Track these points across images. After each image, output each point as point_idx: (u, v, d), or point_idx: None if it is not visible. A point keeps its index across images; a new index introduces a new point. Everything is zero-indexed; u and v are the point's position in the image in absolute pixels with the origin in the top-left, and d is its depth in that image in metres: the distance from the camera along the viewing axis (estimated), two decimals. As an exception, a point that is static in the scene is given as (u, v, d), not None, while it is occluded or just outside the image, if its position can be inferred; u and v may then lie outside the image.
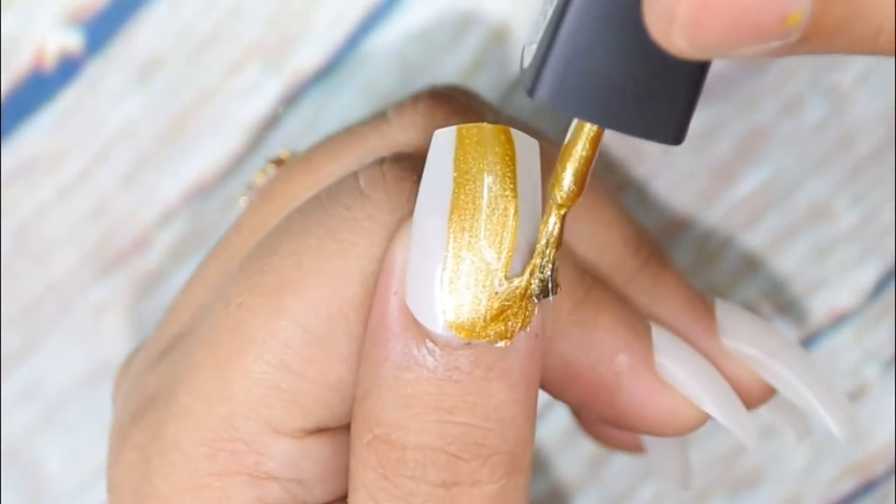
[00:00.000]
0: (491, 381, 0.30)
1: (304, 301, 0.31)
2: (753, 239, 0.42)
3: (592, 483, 0.43)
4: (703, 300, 0.34)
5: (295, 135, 0.41)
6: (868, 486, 0.43)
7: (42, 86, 0.41)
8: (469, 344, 0.30)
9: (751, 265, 0.42)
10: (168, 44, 0.41)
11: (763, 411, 0.36)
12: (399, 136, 0.34)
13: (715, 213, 0.42)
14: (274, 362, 0.31)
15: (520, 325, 0.30)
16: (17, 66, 0.41)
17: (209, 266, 0.34)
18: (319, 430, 0.32)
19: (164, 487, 0.32)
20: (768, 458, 0.43)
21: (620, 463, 0.43)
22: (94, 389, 0.43)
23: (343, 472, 0.32)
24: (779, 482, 0.43)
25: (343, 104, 0.41)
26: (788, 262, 0.42)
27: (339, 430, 0.32)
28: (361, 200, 0.31)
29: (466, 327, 0.30)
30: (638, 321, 0.33)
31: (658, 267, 0.34)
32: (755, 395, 0.34)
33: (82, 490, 0.44)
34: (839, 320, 0.42)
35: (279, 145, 0.41)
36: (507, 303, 0.30)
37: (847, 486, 0.43)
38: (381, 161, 0.32)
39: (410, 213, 0.31)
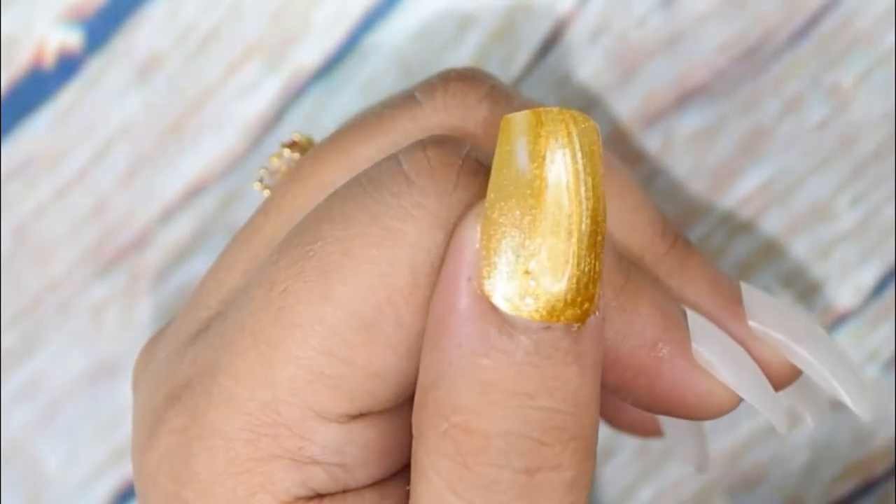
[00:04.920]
0: (569, 365, 0.30)
1: (351, 288, 0.31)
2: (754, 238, 0.42)
3: (592, 482, 0.43)
4: (730, 283, 0.34)
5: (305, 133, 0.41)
6: (868, 487, 0.43)
7: (42, 84, 0.41)
8: (549, 327, 0.30)
9: (751, 265, 0.42)
10: (168, 42, 0.41)
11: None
12: (431, 118, 0.33)
13: (715, 213, 0.42)
14: (319, 348, 0.31)
15: (591, 307, 0.30)
16: (16, 64, 0.41)
17: (237, 250, 0.34)
18: (362, 415, 0.32)
19: (205, 472, 0.31)
20: (769, 458, 0.43)
21: (621, 462, 0.43)
22: (94, 388, 0.43)
23: (386, 456, 0.32)
24: (779, 482, 0.43)
25: (343, 103, 0.41)
26: (789, 262, 0.42)
27: (382, 414, 0.32)
28: (408, 187, 0.31)
29: (548, 310, 0.30)
30: (674, 306, 0.33)
31: (685, 249, 0.34)
32: (782, 378, 0.34)
33: (82, 489, 0.44)
34: (839, 320, 0.42)
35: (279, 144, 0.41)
36: (582, 284, 0.30)
37: (847, 486, 0.43)
38: (424, 145, 0.31)
39: (460, 198, 0.31)
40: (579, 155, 0.30)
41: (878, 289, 0.42)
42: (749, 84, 0.41)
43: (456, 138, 0.32)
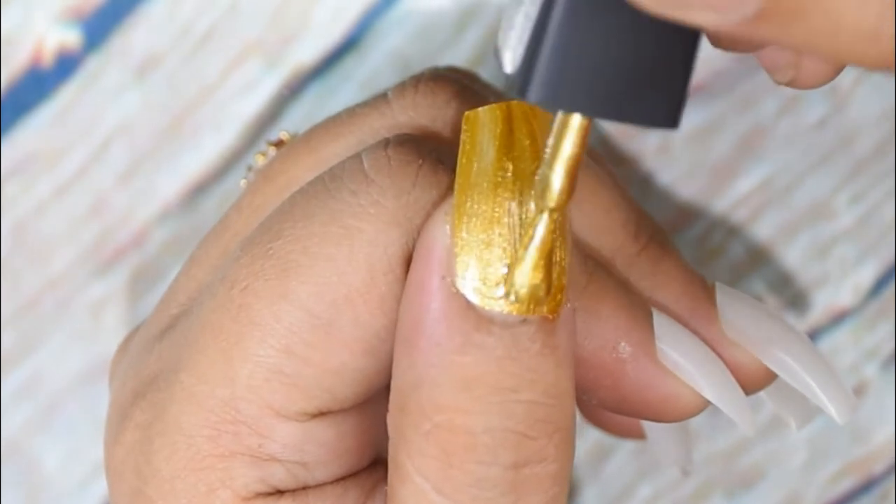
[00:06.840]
0: (546, 357, 0.30)
1: (309, 286, 0.31)
2: (753, 237, 0.42)
3: (591, 481, 0.43)
4: (703, 285, 0.34)
5: (293, 131, 0.41)
6: (867, 485, 0.43)
7: (40, 82, 0.41)
8: (525, 320, 0.30)
9: (750, 263, 0.42)
10: (167, 40, 0.41)
11: (764, 401, 0.36)
12: (400, 116, 0.33)
13: (715, 211, 0.42)
14: (277, 346, 0.31)
15: (563, 298, 0.30)
16: (15, 63, 0.41)
17: (208, 247, 0.34)
18: (322, 414, 0.32)
19: (167, 468, 0.32)
20: (768, 456, 0.43)
21: (619, 461, 0.43)
22: (93, 387, 0.43)
23: (346, 454, 0.32)
24: (778, 481, 0.43)
25: (342, 101, 0.41)
26: (788, 261, 0.42)
27: (342, 414, 0.32)
28: (367, 185, 0.31)
29: (526, 303, 0.30)
30: (639, 307, 0.33)
31: (658, 251, 0.34)
32: (755, 380, 0.34)
33: (81, 488, 0.44)
34: (839, 318, 0.42)
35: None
36: (556, 275, 0.30)
37: (846, 484, 0.43)
38: (385, 144, 0.32)
39: (419, 197, 0.31)
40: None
41: (878, 287, 0.42)
42: (747, 83, 0.41)
43: (419, 137, 0.32)
